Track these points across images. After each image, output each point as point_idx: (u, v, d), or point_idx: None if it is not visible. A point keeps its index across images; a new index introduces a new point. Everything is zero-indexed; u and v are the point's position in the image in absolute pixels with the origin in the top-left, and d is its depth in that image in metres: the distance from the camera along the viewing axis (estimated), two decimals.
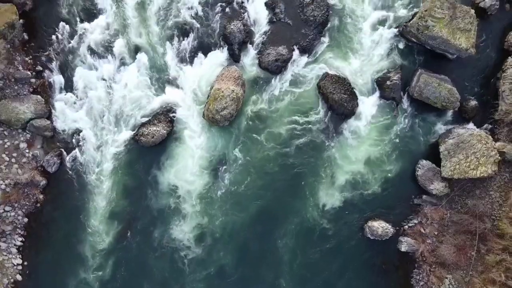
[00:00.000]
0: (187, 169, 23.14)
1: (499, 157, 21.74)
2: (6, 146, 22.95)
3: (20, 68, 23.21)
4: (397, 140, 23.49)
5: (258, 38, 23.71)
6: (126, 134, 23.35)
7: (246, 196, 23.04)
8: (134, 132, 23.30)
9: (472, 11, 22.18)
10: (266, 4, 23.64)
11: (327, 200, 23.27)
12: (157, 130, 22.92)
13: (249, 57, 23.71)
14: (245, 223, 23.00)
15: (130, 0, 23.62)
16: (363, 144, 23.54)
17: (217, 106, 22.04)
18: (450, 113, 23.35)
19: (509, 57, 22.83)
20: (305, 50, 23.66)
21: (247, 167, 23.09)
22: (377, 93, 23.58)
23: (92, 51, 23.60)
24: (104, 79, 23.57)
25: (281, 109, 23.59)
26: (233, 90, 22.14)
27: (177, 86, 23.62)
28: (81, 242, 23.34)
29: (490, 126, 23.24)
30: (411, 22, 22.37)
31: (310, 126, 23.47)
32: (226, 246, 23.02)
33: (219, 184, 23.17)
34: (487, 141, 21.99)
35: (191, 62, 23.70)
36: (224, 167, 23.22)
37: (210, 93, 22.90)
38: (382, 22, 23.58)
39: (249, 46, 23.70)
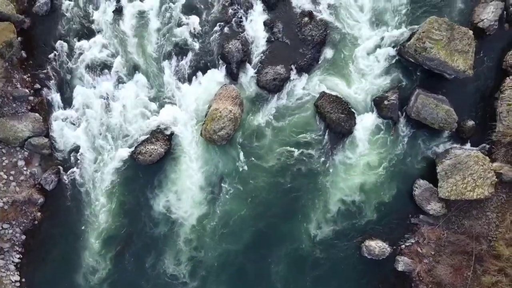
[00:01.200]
0: (184, 189, 23.18)
1: (496, 179, 21.75)
2: (4, 164, 23.01)
3: (18, 86, 23.26)
4: (395, 159, 23.50)
5: (256, 57, 23.73)
6: (124, 152, 23.39)
7: (242, 219, 23.09)
8: (132, 150, 23.33)
9: (470, 32, 22.15)
10: (264, 23, 23.64)
11: (324, 220, 23.29)
12: (155, 149, 22.96)
13: (247, 76, 23.74)
14: (239, 250, 23.12)
15: (128, 18, 23.64)
16: (360, 162, 23.53)
17: (215, 127, 22.07)
18: (447, 132, 23.32)
19: (507, 78, 22.80)
20: (303, 69, 23.68)
21: (243, 188, 23.12)
22: (374, 112, 23.58)
23: (90, 69, 23.64)
24: (102, 97, 23.61)
25: (279, 128, 23.61)
26: (230, 110, 22.17)
27: (175, 104, 23.65)
28: (78, 259, 23.44)
29: (487, 146, 23.23)
30: (408, 43, 22.37)
31: (307, 145, 23.48)
32: (220, 274, 23.11)
33: (215, 207, 23.24)
34: (484, 162, 21.99)
35: (189, 81, 23.74)
36: (221, 187, 23.28)
37: (207, 113, 22.92)
38: (379, 41, 23.56)
39: (247, 65, 23.72)
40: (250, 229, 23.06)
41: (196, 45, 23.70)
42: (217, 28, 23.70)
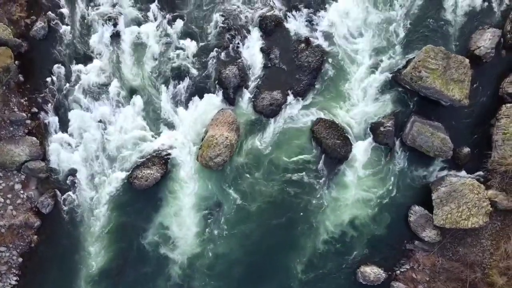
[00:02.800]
0: (179, 214, 23.26)
1: (491, 208, 21.83)
2: (1, 187, 23.08)
3: (16, 109, 23.33)
4: (390, 185, 23.58)
5: (253, 82, 23.80)
6: (120, 175, 23.44)
7: (237, 247, 23.15)
8: (128, 173, 23.41)
9: (467, 60, 22.21)
10: (261, 49, 23.69)
11: (319, 245, 23.38)
12: (151, 174, 23.04)
13: (244, 101, 23.81)
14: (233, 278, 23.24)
15: (125, 43, 23.70)
16: (356, 187, 23.62)
17: (211, 153, 22.15)
18: (443, 159, 23.39)
19: (503, 106, 22.84)
20: (299, 94, 23.74)
21: (238, 215, 23.17)
22: (370, 138, 23.65)
23: (87, 93, 23.69)
24: (99, 121, 23.67)
25: (275, 153, 23.67)
26: (226, 137, 22.25)
27: (172, 129, 23.73)
28: (74, 281, 23.48)
29: (483, 173, 23.31)
30: (404, 71, 22.42)
31: (304, 170, 23.55)
32: None
33: (210, 234, 23.25)
34: (479, 190, 22.06)
35: (186, 105, 23.80)
36: (216, 213, 23.32)
37: (204, 139, 22.99)
38: (376, 67, 23.62)
39: (244, 90, 23.79)
40: (244, 259, 23.14)
41: (193, 70, 23.76)
42: (214, 53, 23.75)
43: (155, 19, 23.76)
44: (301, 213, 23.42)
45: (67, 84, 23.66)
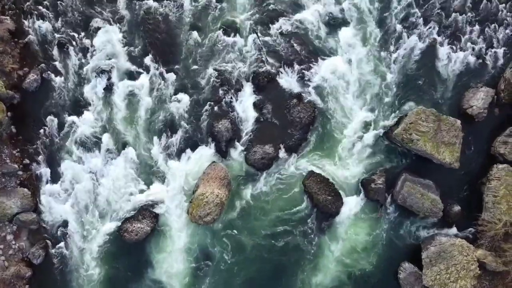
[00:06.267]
0: (170, 268, 23.30)
1: (479, 271, 21.86)
2: None
3: (8, 161, 23.38)
4: (380, 241, 23.66)
5: (245, 136, 23.84)
6: (111, 227, 23.45)
7: None
8: (118, 225, 23.46)
9: (458, 122, 22.22)
10: (254, 104, 23.74)
11: None
12: (141, 228, 23.10)
13: (236, 153, 23.86)
14: None
15: (118, 95, 23.71)
16: (346, 243, 23.69)
17: (201, 213, 22.20)
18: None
19: (494, 166, 22.84)
20: (291, 149, 23.80)
21: (229, 269, 23.24)
22: (361, 194, 23.72)
23: (79, 145, 23.72)
24: (90, 172, 23.71)
25: (266, 206, 23.73)
26: (217, 195, 22.29)
27: (164, 181, 23.76)
28: None
29: (473, 230, 23.35)
30: (395, 132, 22.43)
31: (294, 224, 23.61)
32: None
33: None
34: (468, 252, 22.10)
35: (179, 157, 23.83)
36: (206, 268, 23.37)
37: (194, 194, 23.02)
38: (367, 124, 23.71)
39: (237, 143, 23.84)
40: None
41: (186, 123, 23.80)
42: (207, 107, 23.79)
43: (149, 72, 23.76)
44: (290, 269, 23.46)
45: (60, 136, 23.70)
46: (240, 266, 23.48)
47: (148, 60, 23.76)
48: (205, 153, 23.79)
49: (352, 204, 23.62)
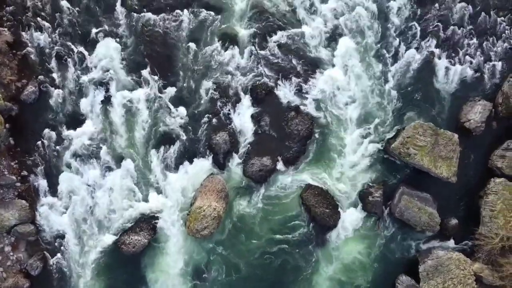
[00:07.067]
0: (166, 281, 23.37)
1: (476, 286, 21.89)
2: None
3: (6, 173, 23.40)
4: (378, 253, 23.74)
5: (243, 148, 23.86)
6: (108, 239, 23.46)
7: None
8: (116, 237, 23.49)
9: (456, 136, 22.24)
10: (252, 116, 23.75)
11: None
12: (139, 240, 23.13)
13: (234, 165, 23.87)
14: None
15: (116, 107, 23.70)
16: (344, 255, 23.76)
17: (198, 226, 22.23)
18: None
19: (492, 180, 22.87)
20: (289, 161, 23.82)
21: (225, 283, 23.28)
22: (359, 207, 23.75)
23: (77, 157, 23.73)
24: (88, 184, 23.74)
25: (264, 218, 23.76)
26: (214, 208, 22.31)
27: (161, 193, 23.78)
28: None
29: (470, 244, 23.39)
30: (393, 145, 22.46)
31: (292, 237, 23.66)
32: None
33: None
34: (465, 266, 22.15)
35: (176, 169, 23.85)
36: (203, 281, 23.42)
37: (192, 206, 23.05)
38: (365, 136, 23.71)
39: (234, 155, 23.86)
40: None
41: (184, 135, 23.81)
42: (205, 119, 23.81)
43: (147, 84, 23.77)
44: (287, 282, 23.49)
45: (58, 147, 23.71)
46: (236, 278, 23.51)
47: (146, 72, 23.74)
48: (203, 165, 23.81)
49: (350, 217, 23.67)
